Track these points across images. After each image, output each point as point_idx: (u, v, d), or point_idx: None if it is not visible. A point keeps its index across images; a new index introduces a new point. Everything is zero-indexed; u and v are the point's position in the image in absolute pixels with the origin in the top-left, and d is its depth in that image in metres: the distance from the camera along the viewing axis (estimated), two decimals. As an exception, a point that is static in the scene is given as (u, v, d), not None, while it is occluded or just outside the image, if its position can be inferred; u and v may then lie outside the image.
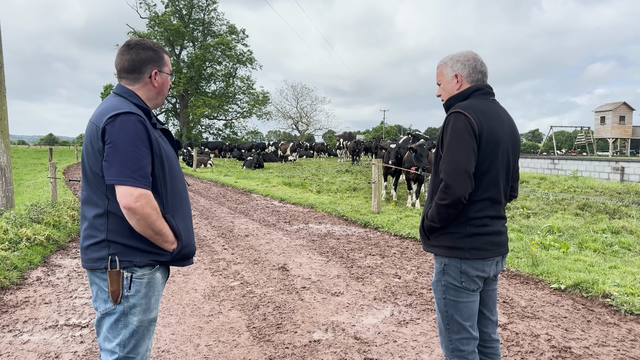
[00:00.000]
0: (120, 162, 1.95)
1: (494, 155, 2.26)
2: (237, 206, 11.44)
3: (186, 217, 2.26)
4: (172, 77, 2.35)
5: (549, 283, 5.21)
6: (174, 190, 2.19)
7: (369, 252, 6.74)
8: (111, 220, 2.06)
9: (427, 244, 2.44)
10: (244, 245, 7.11)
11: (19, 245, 6.32)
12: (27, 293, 4.97)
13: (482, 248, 2.28)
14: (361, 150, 30.29)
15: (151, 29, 55.20)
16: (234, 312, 4.45)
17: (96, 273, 2.10)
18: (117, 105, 2.05)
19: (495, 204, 2.34)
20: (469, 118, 2.21)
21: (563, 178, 18.87)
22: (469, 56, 2.39)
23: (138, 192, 1.96)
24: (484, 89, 2.38)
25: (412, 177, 11.10)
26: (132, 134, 1.98)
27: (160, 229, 2.06)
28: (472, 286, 2.31)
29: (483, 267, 2.31)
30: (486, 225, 2.30)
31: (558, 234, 7.83)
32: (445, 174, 2.21)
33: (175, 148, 2.34)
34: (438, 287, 2.38)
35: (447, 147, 2.23)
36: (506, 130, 2.33)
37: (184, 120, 56.12)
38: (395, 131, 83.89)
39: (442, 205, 2.23)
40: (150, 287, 2.15)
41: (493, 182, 2.29)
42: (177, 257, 2.18)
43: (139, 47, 2.19)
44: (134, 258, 2.07)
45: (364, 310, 4.47)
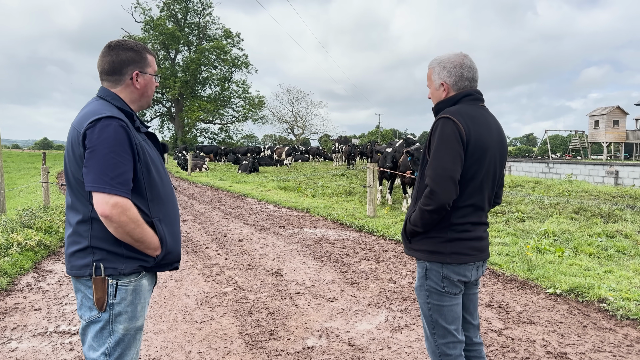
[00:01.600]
0: (99, 169, 1.90)
1: (480, 162, 2.25)
2: (231, 210, 11.38)
3: (173, 222, 2.21)
4: (157, 78, 2.30)
5: (544, 288, 5.17)
6: (160, 194, 2.15)
7: (364, 256, 6.69)
8: (95, 227, 2.01)
9: (408, 247, 2.44)
10: (238, 250, 7.05)
11: (10, 251, 6.23)
12: (17, 299, 4.90)
13: (463, 253, 2.28)
14: (356, 154, 30.28)
15: (146, 33, 55.15)
16: (226, 318, 4.39)
17: (81, 280, 2.05)
18: (99, 110, 2.01)
19: (478, 210, 2.33)
20: (457, 124, 2.18)
21: (558, 182, 18.91)
22: (456, 62, 2.35)
23: (114, 200, 1.91)
24: (473, 95, 2.35)
25: (408, 181, 11.07)
26: (112, 139, 1.93)
27: (140, 237, 2.01)
28: (454, 290, 2.31)
29: (464, 272, 2.30)
30: (468, 230, 2.29)
31: (553, 238, 7.81)
32: (431, 179, 2.19)
33: (161, 151, 2.29)
34: (421, 292, 2.37)
35: (434, 152, 2.21)
36: (494, 137, 2.31)
37: (179, 124, 56.01)
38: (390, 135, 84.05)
39: (425, 211, 2.22)
40: (137, 294, 2.10)
41: (478, 189, 2.28)
42: (161, 262, 2.14)
43: (119, 47, 2.14)
44: (119, 265, 2.03)
45: (359, 316, 4.42)
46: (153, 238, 2.06)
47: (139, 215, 2.00)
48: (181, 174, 24.17)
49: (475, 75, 2.37)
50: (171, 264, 2.21)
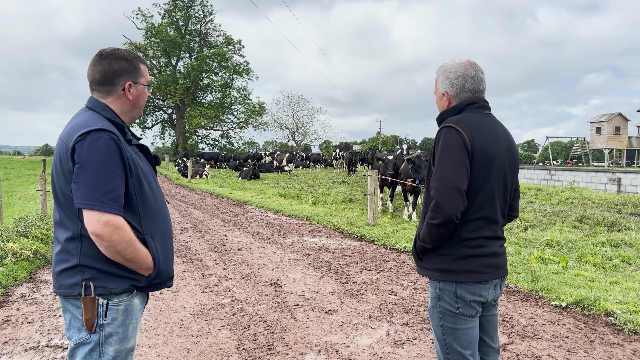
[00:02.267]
0: (89, 185, 1.81)
1: (487, 171, 2.13)
2: (231, 218, 11.28)
3: (166, 239, 2.12)
4: (149, 88, 2.21)
5: (549, 300, 5.06)
6: (153, 210, 2.06)
7: (365, 266, 6.58)
8: (85, 244, 1.92)
9: (420, 266, 2.31)
10: (237, 260, 6.94)
11: (5, 261, 6.13)
12: (10, 311, 4.79)
13: (477, 271, 2.15)
14: (357, 160, 30.20)
15: (148, 39, 55.24)
16: (223, 332, 4.28)
17: (69, 300, 1.95)
18: (88, 122, 1.92)
19: (491, 223, 2.20)
20: (460, 132, 2.08)
21: (560, 189, 18.79)
22: (459, 72, 2.25)
23: (105, 218, 1.82)
24: (478, 103, 2.25)
25: (409, 188, 10.97)
26: (103, 153, 1.84)
27: (132, 256, 1.92)
28: (469, 312, 2.16)
29: (480, 291, 2.17)
30: (481, 246, 2.17)
31: (557, 247, 7.69)
32: (436, 191, 2.09)
33: (153, 164, 2.20)
34: (434, 314, 2.23)
35: (438, 163, 2.11)
36: (502, 145, 2.20)
37: (180, 130, 55.99)
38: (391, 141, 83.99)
39: (433, 225, 2.10)
40: (128, 314, 2.01)
41: (488, 200, 2.16)
42: (154, 282, 2.05)
43: (111, 57, 2.05)
44: (110, 284, 1.94)
45: (359, 330, 4.31)
46: (146, 257, 1.97)
47: (132, 233, 1.91)
48: (181, 181, 24.08)
49: (480, 86, 2.27)
50: (164, 283, 2.12)
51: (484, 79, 2.30)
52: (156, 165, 2.24)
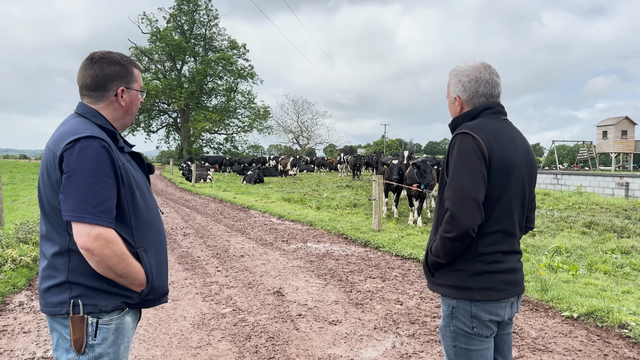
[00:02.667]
0: (79, 196, 1.69)
1: (506, 181, 1.99)
2: (234, 223, 11.16)
3: (159, 252, 2.00)
4: (142, 94, 2.09)
5: (560, 310, 4.90)
6: (146, 222, 1.94)
7: (369, 274, 6.44)
8: (73, 259, 1.80)
9: (431, 282, 2.15)
10: (239, 267, 6.82)
11: (3, 268, 6.04)
12: (7, 321, 4.69)
13: (494, 288, 2.00)
14: (362, 164, 30.06)
15: (153, 44, 55.42)
16: (223, 343, 4.15)
17: (57, 319, 1.83)
18: (78, 129, 1.80)
19: (509, 237, 2.05)
20: (477, 139, 1.94)
21: (567, 194, 18.58)
22: (473, 76, 2.12)
23: (96, 231, 1.71)
24: (494, 108, 2.11)
25: (414, 193, 10.83)
26: (94, 162, 1.72)
27: (125, 271, 1.80)
28: (484, 332, 2.02)
29: (497, 310, 2.02)
30: (499, 261, 2.02)
31: (566, 254, 7.53)
32: (451, 202, 1.94)
33: (147, 173, 2.08)
34: (447, 333, 2.09)
35: (453, 172, 1.96)
36: (520, 153, 2.06)
37: (185, 134, 56.06)
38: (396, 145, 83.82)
39: (447, 239, 1.96)
40: (119, 333, 1.89)
41: (506, 212, 2.02)
42: (147, 298, 1.93)
43: (104, 60, 1.94)
44: (100, 302, 1.81)
45: (364, 342, 4.17)
46: (139, 273, 1.85)
47: (124, 247, 1.80)
48: (185, 185, 24.00)
49: (494, 90, 2.13)
50: (157, 299, 2.00)
51: (499, 83, 2.16)
52: (150, 173, 2.12)
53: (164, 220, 11.34)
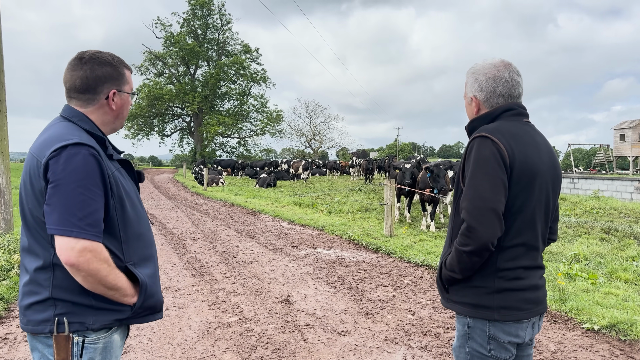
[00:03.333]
0: (64, 207, 1.57)
1: (529, 190, 1.81)
2: (244, 228, 11.05)
3: (150, 265, 1.87)
4: (133, 97, 1.96)
5: (579, 322, 4.69)
6: (136, 234, 1.81)
7: (380, 282, 6.27)
8: (58, 274, 1.67)
9: (446, 298, 1.98)
10: (247, 274, 6.69)
11: (10, 273, 5.98)
12: (10, 328, 4.60)
13: (515, 307, 1.83)
14: (374, 168, 29.84)
15: (167, 48, 55.81)
16: (228, 354, 4.02)
17: (39, 337, 1.70)
18: (64, 135, 1.67)
19: (531, 250, 1.88)
20: (497, 144, 1.77)
21: (584, 198, 18.21)
22: (491, 74, 1.95)
23: (81, 245, 1.58)
24: (515, 109, 1.93)
25: (427, 198, 10.63)
26: (81, 171, 1.60)
27: (114, 284, 1.67)
28: (503, 354, 1.85)
29: (517, 331, 1.85)
30: (520, 278, 1.84)
31: (585, 262, 7.27)
32: (468, 213, 1.76)
33: (137, 181, 1.95)
34: (461, 354, 1.92)
35: (470, 179, 1.79)
36: (544, 159, 1.88)
37: (199, 138, 56.28)
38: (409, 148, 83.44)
39: (463, 252, 1.79)
40: (107, 352, 1.76)
41: (528, 223, 1.84)
42: (139, 311, 1.79)
43: (94, 61, 1.81)
44: (87, 319, 1.68)
45: (374, 354, 4.00)
46: (128, 283, 1.73)
47: (111, 259, 1.67)
48: (197, 189, 24.00)
49: (515, 90, 1.96)
50: (154, 312, 1.86)
51: (520, 82, 1.99)
52: (139, 181, 1.99)
53: (174, 225, 11.29)
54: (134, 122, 54.59)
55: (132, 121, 54.30)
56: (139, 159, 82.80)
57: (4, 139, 8.32)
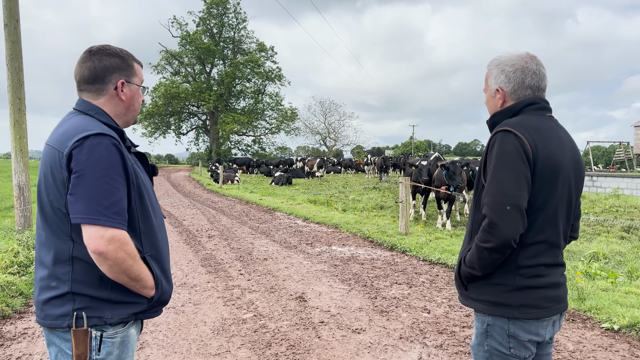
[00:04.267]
0: (90, 196, 1.58)
1: (552, 185, 1.78)
2: (259, 225, 11.09)
3: (165, 259, 1.89)
4: (144, 91, 1.97)
5: (599, 322, 4.60)
6: (153, 227, 1.83)
7: (395, 280, 6.23)
8: (77, 268, 1.67)
9: (464, 295, 1.95)
10: (262, 271, 6.70)
11: (29, 269, 6.07)
12: (28, 323, 4.67)
13: (535, 305, 1.79)
14: (389, 166, 29.72)
15: (183, 47, 56.25)
16: (243, 350, 4.03)
17: (56, 332, 1.71)
18: (85, 125, 1.68)
19: (553, 248, 1.84)
20: (520, 138, 1.73)
21: (603, 196, 17.91)
22: (518, 65, 1.90)
23: (110, 234, 1.59)
24: (538, 103, 1.89)
25: (443, 196, 10.55)
26: (105, 160, 1.61)
27: (138, 274, 1.69)
28: (522, 353, 1.81)
29: (537, 330, 1.81)
30: (541, 275, 1.81)
31: (604, 260, 7.15)
32: (490, 209, 1.73)
33: (151, 174, 1.96)
34: (479, 353, 1.89)
35: (492, 174, 1.76)
36: (567, 155, 1.84)
37: (214, 136, 56.65)
38: (424, 146, 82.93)
39: (484, 249, 1.76)
40: (124, 346, 1.77)
41: (550, 220, 1.80)
42: (155, 304, 1.81)
43: (102, 52, 1.83)
44: (105, 313, 1.69)
45: (388, 352, 3.98)
46: (149, 275, 1.75)
47: (135, 248, 1.68)
48: (213, 187, 24.15)
49: (542, 83, 1.92)
50: (163, 305, 1.88)
51: (546, 76, 1.95)
52: (153, 175, 2.00)
53: (190, 222, 11.37)
54: (150, 120, 55.16)
55: (149, 120, 54.88)
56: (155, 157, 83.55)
57: (23, 137, 8.45)
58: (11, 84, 8.29)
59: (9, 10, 8.28)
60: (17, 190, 8.42)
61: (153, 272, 1.77)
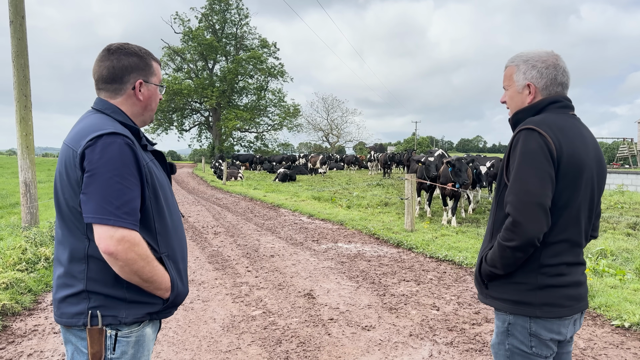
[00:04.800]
0: (101, 196, 1.57)
1: (575, 184, 1.77)
2: (264, 222, 11.09)
3: (181, 259, 1.88)
4: (162, 89, 1.95)
5: (609, 319, 4.59)
6: (169, 226, 1.81)
7: (403, 277, 6.23)
8: (92, 267, 1.67)
9: (484, 294, 1.94)
10: (269, 267, 6.71)
11: (37, 266, 6.08)
12: (38, 320, 4.68)
13: (557, 304, 1.79)
14: (393, 162, 29.68)
15: (185, 43, 56.16)
16: (253, 347, 4.03)
17: (72, 330, 1.71)
18: (99, 125, 1.67)
19: (575, 247, 1.84)
20: (544, 137, 1.72)
21: (607, 193, 17.87)
22: (550, 62, 1.89)
23: (120, 234, 1.58)
24: (562, 101, 1.88)
25: (448, 192, 10.53)
26: (117, 160, 1.60)
27: (150, 276, 1.67)
28: (544, 352, 1.81)
29: (559, 328, 1.81)
30: (563, 274, 1.80)
31: (611, 257, 7.13)
32: (514, 207, 1.72)
33: (169, 172, 1.95)
34: (500, 351, 1.88)
35: (516, 172, 1.75)
36: (590, 154, 1.83)
37: (217, 133, 56.63)
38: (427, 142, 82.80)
39: (507, 248, 1.75)
40: (139, 346, 1.76)
41: (573, 219, 1.80)
42: (169, 305, 1.80)
43: (121, 52, 1.81)
44: (120, 312, 1.69)
45: (399, 349, 3.97)
46: (164, 277, 1.73)
47: (149, 250, 1.67)
48: (216, 183, 24.17)
49: (569, 81, 1.92)
50: (177, 305, 1.87)
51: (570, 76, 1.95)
52: (172, 173, 1.99)
53: (196, 219, 11.38)
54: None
55: (151, 116, 54.79)
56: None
57: (29, 134, 8.46)
58: (17, 81, 8.29)
59: (14, 7, 8.27)
60: (23, 187, 8.42)
61: (170, 273, 1.76)
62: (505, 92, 2.02)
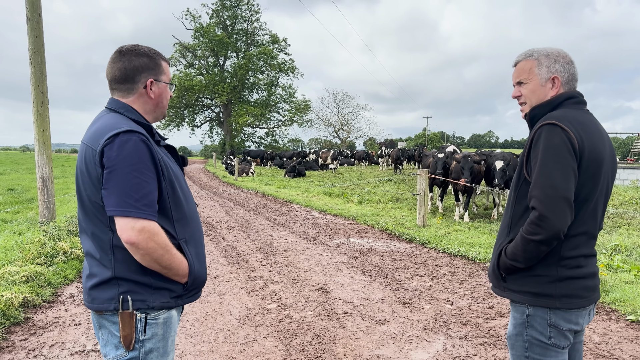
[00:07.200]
0: (121, 190, 1.68)
1: (595, 179, 1.81)
2: (276, 217, 11.16)
3: (198, 243, 2.00)
4: (172, 87, 2.07)
5: (623, 314, 4.59)
6: (185, 214, 1.93)
7: (416, 272, 6.26)
8: (118, 256, 1.79)
9: (501, 287, 1.98)
10: (283, 262, 6.77)
11: (55, 260, 6.20)
12: (58, 312, 4.79)
13: (576, 295, 1.83)
14: (404, 158, 29.62)
15: (196, 40, 56.41)
16: (269, 340, 4.09)
17: (104, 315, 1.82)
18: (115, 124, 1.78)
19: (591, 239, 1.89)
20: (567, 132, 1.75)
21: (622, 188, 17.70)
22: (568, 58, 1.95)
23: (140, 225, 1.69)
24: (577, 97, 1.92)
25: (461, 188, 10.51)
26: (134, 156, 1.71)
27: (169, 263, 1.79)
28: (562, 342, 1.85)
29: (577, 319, 1.86)
30: (580, 266, 1.85)
31: (626, 253, 7.10)
32: (539, 202, 1.75)
33: (181, 165, 2.07)
34: (518, 343, 1.92)
35: (540, 167, 1.77)
36: (607, 148, 1.87)
37: (228, 128, 56.88)
38: (438, 138, 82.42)
39: (532, 241, 1.78)
40: (167, 327, 1.89)
41: (591, 212, 1.84)
42: (190, 288, 1.92)
43: (131, 53, 1.92)
44: (147, 297, 1.81)
45: (413, 343, 4.02)
46: (182, 264, 1.84)
47: (167, 239, 1.78)
48: (228, 179, 24.30)
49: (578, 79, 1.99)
50: (198, 290, 2.00)
51: None
52: (184, 165, 2.10)
53: (209, 214, 11.49)
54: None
55: (163, 112, 55.13)
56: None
57: (46, 130, 8.59)
58: (34, 78, 8.41)
59: (31, 5, 8.38)
60: (40, 183, 8.56)
61: (187, 258, 1.87)
62: (518, 87, 2.03)
